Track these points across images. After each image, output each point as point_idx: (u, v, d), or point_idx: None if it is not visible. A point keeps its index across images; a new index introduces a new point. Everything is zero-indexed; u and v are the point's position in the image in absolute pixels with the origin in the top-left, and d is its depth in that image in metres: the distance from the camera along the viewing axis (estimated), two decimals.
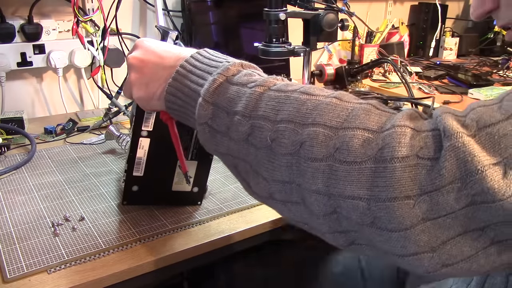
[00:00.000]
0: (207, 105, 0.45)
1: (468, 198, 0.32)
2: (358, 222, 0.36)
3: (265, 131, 0.41)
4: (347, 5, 1.24)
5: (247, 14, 1.42)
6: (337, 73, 1.42)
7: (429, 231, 0.33)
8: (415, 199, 0.33)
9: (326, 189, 0.36)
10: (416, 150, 0.34)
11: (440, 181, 0.32)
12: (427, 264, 0.34)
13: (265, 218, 0.75)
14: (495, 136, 0.32)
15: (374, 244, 0.37)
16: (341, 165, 0.36)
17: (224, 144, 0.45)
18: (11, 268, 0.60)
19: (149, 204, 0.76)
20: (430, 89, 1.47)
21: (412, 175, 0.33)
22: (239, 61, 0.48)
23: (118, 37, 1.20)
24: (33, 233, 0.68)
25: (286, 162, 0.39)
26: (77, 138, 1.07)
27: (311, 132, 0.38)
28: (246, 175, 0.44)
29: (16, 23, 1.15)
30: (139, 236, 0.68)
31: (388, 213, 0.33)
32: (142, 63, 0.54)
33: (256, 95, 0.43)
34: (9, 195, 0.79)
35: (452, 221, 0.33)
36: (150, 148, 0.69)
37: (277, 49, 1.15)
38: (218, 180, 0.86)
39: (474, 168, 0.31)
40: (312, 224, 0.40)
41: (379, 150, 0.34)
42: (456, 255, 0.34)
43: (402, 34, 1.90)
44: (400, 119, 0.36)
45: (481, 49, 2.06)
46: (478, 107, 0.35)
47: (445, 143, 0.33)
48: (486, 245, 0.33)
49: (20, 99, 1.24)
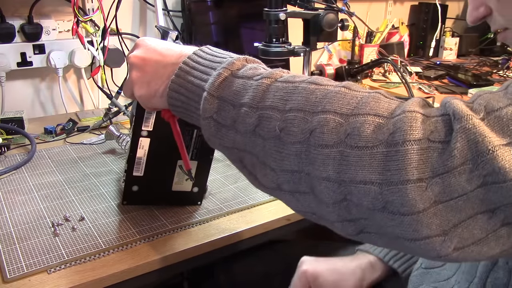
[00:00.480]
0: (212, 99, 0.45)
1: (479, 179, 0.32)
2: (369, 208, 0.36)
3: (274, 121, 0.41)
4: (347, 5, 1.24)
5: (247, 14, 1.42)
6: (337, 73, 1.42)
7: (441, 214, 0.33)
8: (428, 182, 0.33)
9: (337, 176, 0.36)
10: (427, 134, 0.34)
11: (452, 162, 0.32)
12: (439, 248, 0.34)
13: (265, 218, 0.75)
14: (504, 118, 0.33)
15: (384, 231, 0.37)
16: (352, 150, 0.36)
17: (229, 138, 0.45)
18: (11, 268, 0.60)
19: (149, 204, 0.76)
20: (430, 89, 1.47)
21: (424, 157, 0.33)
22: (243, 56, 0.49)
23: (118, 37, 1.20)
24: (33, 233, 0.68)
25: (295, 150, 0.39)
26: (77, 138, 1.07)
27: (322, 119, 0.38)
28: (252, 168, 0.45)
29: (16, 23, 1.15)
30: (139, 236, 0.68)
31: (401, 196, 0.33)
32: (144, 62, 0.54)
33: (263, 87, 0.43)
34: (9, 195, 0.79)
35: (463, 203, 0.33)
36: (150, 148, 0.69)
37: (277, 49, 1.15)
38: (218, 180, 0.86)
39: (485, 148, 0.32)
40: (321, 213, 0.40)
41: (391, 134, 0.35)
42: (467, 238, 0.34)
43: (402, 34, 1.90)
44: (410, 105, 0.36)
45: (481, 49, 2.06)
46: (485, 94, 0.36)
47: (455, 126, 0.33)
48: (496, 227, 0.34)
49: (20, 99, 1.24)
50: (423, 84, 1.51)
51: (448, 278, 0.59)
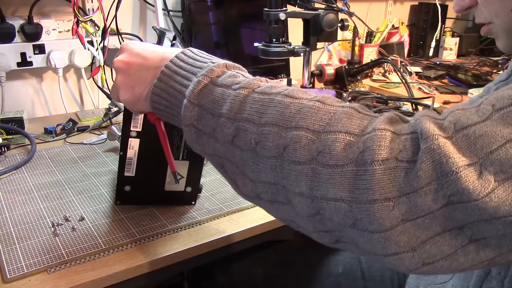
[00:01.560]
0: (192, 107, 0.46)
1: (445, 198, 0.32)
2: (340, 224, 0.36)
3: (250, 134, 0.41)
4: (347, 5, 1.24)
5: (247, 14, 1.42)
6: (337, 73, 1.42)
7: (409, 231, 0.34)
8: (395, 201, 0.33)
9: (310, 192, 0.37)
10: (395, 153, 0.34)
11: (418, 183, 0.33)
12: (408, 263, 0.35)
13: (264, 218, 0.75)
14: (471, 137, 0.33)
15: (357, 244, 0.38)
16: (323, 168, 0.36)
17: (210, 145, 0.45)
18: (11, 268, 0.60)
19: (142, 204, 0.76)
20: (430, 89, 1.47)
21: (391, 177, 0.34)
22: (224, 61, 0.49)
23: (118, 37, 1.20)
24: (33, 233, 0.68)
25: (270, 164, 0.40)
26: (77, 138, 1.07)
27: (295, 135, 0.38)
28: (233, 175, 0.45)
29: (16, 23, 1.15)
30: (139, 236, 0.68)
31: (369, 215, 0.34)
32: (128, 66, 0.54)
33: (240, 98, 0.43)
34: (9, 195, 0.79)
35: (430, 221, 0.33)
36: (140, 149, 0.70)
37: (277, 49, 1.15)
38: (218, 180, 0.86)
39: (449, 169, 0.32)
40: (299, 223, 0.41)
41: (360, 153, 0.35)
42: (435, 254, 0.34)
43: (402, 34, 1.90)
44: (381, 122, 0.37)
45: (481, 49, 2.06)
46: (457, 110, 0.36)
47: (422, 145, 0.34)
48: (464, 243, 0.34)
49: (20, 99, 1.24)
50: (423, 84, 1.51)
51: (444, 282, 0.59)
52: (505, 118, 0.33)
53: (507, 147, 0.32)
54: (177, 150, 0.71)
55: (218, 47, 1.40)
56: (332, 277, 0.81)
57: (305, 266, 0.84)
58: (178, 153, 0.72)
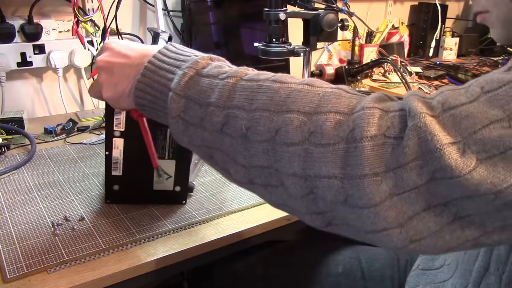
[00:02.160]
0: (179, 98, 0.46)
1: (429, 174, 0.34)
2: (332, 201, 0.38)
3: (240, 120, 0.42)
4: (347, 5, 1.24)
5: (247, 14, 1.42)
6: (337, 73, 1.42)
7: (396, 206, 0.35)
8: (382, 176, 0.35)
9: (303, 172, 0.38)
10: (383, 130, 0.36)
11: (404, 158, 0.34)
12: (396, 240, 0.36)
13: (264, 218, 0.75)
14: (457, 117, 0.34)
15: (348, 223, 0.39)
16: (316, 147, 0.37)
17: (198, 136, 0.46)
18: (11, 268, 0.60)
19: (132, 203, 0.76)
20: (430, 89, 1.47)
21: (380, 153, 0.35)
22: (208, 54, 0.49)
23: (118, 37, 1.20)
24: (33, 233, 0.68)
25: (262, 148, 0.41)
26: (77, 138, 1.07)
27: (286, 118, 0.40)
28: (223, 164, 0.46)
29: (16, 23, 1.15)
30: (139, 236, 0.68)
31: (359, 190, 0.35)
32: (110, 64, 0.54)
33: (229, 86, 0.44)
34: (9, 195, 0.79)
35: (416, 196, 0.35)
36: (125, 148, 0.71)
37: (277, 49, 1.15)
38: (218, 180, 0.86)
39: (433, 146, 0.33)
40: (292, 205, 0.42)
41: (350, 131, 0.36)
42: (422, 230, 0.35)
43: (402, 34, 1.90)
44: (369, 101, 0.38)
45: (481, 49, 2.06)
46: (447, 90, 0.37)
47: (409, 123, 0.35)
48: (449, 220, 0.35)
49: (20, 99, 1.24)
50: (423, 84, 1.51)
51: (444, 281, 0.59)
52: (492, 100, 0.33)
53: (490, 128, 0.32)
54: (162, 149, 0.72)
55: (218, 47, 1.40)
56: (332, 277, 0.81)
57: (305, 266, 0.84)
58: (163, 152, 0.72)
